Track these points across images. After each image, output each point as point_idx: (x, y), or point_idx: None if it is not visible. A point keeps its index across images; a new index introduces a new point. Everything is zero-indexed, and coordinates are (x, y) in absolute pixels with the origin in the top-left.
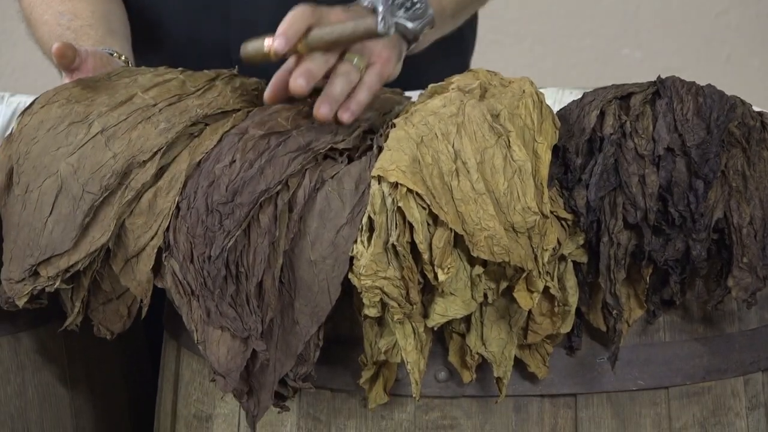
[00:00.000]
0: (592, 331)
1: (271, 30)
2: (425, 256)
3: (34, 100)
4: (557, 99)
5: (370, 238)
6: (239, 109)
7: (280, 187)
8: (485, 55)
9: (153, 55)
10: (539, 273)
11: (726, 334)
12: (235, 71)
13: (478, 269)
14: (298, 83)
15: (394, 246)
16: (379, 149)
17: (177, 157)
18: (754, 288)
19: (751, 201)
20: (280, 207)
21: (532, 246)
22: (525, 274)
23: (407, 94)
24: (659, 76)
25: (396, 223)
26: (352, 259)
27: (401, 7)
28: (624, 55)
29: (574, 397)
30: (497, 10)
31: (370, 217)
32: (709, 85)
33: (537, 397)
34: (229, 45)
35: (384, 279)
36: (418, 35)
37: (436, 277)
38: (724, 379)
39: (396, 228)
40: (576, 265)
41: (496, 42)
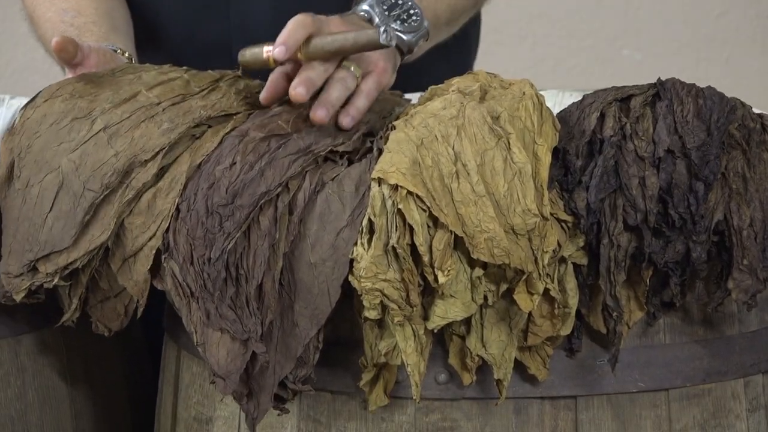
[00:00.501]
0: (593, 333)
1: (270, 30)
2: (425, 259)
3: (38, 94)
4: (557, 101)
5: (370, 241)
6: (242, 112)
7: (280, 189)
8: (485, 57)
9: (154, 53)
10: (539, 275)
11: (726, 336)
12: (239, 72)
13: (478, 271)
14: (298, 91)
15: (394, 248)
16: (379, 151)
17: (178, 158)
18: (755, 290)
19: (751, 203)
20: (280, 209)
21: (532, 248)
22: (525, 276)
23: (407, 96)
24: (659, 78)
25: (396, 226)
26: (352, 261)
27: (397, 19)
28: (624, 56)
29: (574, 399)
30: (497, 11)
31: (370, 219)
32: (709, 87)
33: (537, 399)
34: (230, 44)
35: (384, 281)
36: (412, 47)
37: (436, 279)
38: (724, 381)
39: (396, 230)
40: (576, 267)
41: (496, 43)
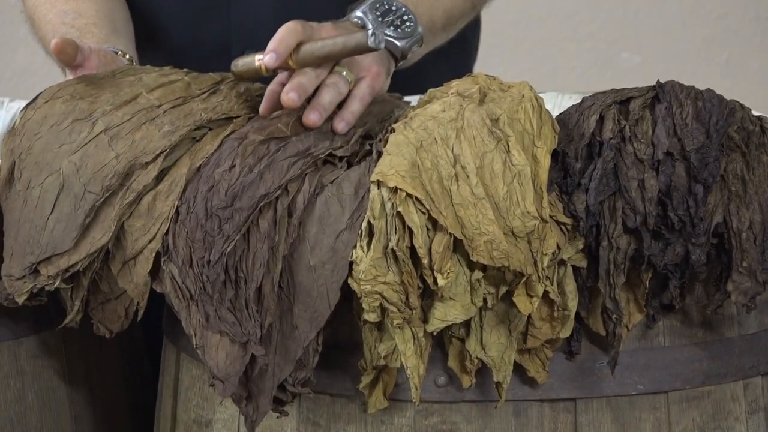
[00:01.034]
0: (592, 335)
1: (271, 30)
2: (425, 261)
3: (38, 95)
4: (556, 103)
5: (369, 243)
6: (242, 116)
7: (279, 192)
8: (484, 59)
9: (154, 54)
10: (539, 278)
11: (725, 339)
12: None
13: (478, 274)
14: (290, 97)
15: (393, 251)
16: (379, 154)
17: (178, 160)
18: (754, 292)
19: (750, 205)
20: (280, 212)
21: (531, 251)
22: (524, 279)
23: (406, 99)
24: (658, 81)
25: (395, 228)
26: (351, 264)
27: (390, 25)
28: (623, 59)
29: (573, 402)
30: (496, 13)
31: (369, 222)
32: (708, 90)
33: (537, 402)
34: (230, 45)
35: (383, 284)
36: (406, 53)
37: (435, 281)
38: (723, 384)
39: (395, 233)
40: (575, 269)
41: (495, 46)
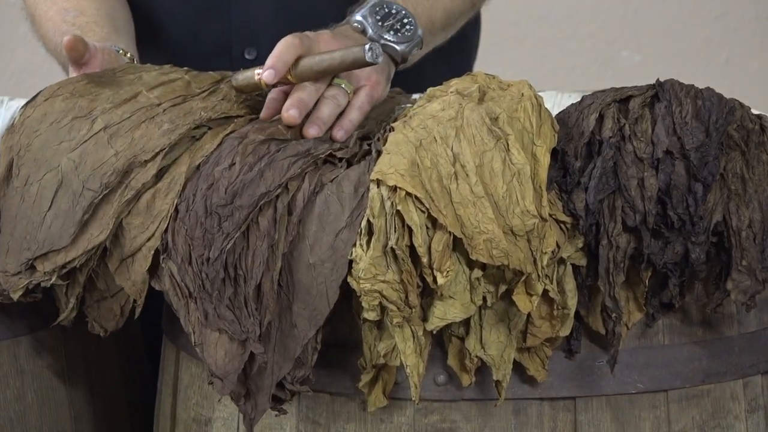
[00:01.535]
0: (592, 334)
1: (271, 31)
2: (424, 260)
3: (38, 93)
4: (556, 102)
5: (369, 242)
6: (242, 116)
7: (279, 190)
8: (484, 58)
9: (155, 53)
10: (538, 276)
11: (725, 337)
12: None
13: (477, 272)
14: (291, 114)
15: (393, 249)
16: (378, 153)
17: (178, 159)
18: (753, 291)
19: (750, 204)
20: (280, 210)
21: (531, 249)
22: (524, 278)
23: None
24: (658, 79)
25: (395, 227)
26: (351, 262)
27: (390, 29)
28: (623, 57)
29: (573, 401)
30: (496, 13)
31: (369, 220)
32: (707, 88)
33: (536, 401)
34: (231, 45)
35: (383, 282)
36: (406, 57)
37: (435, 280)
38: (723, 382)
39: (395, 231)
40: (575, 268)
41: (494, 45)
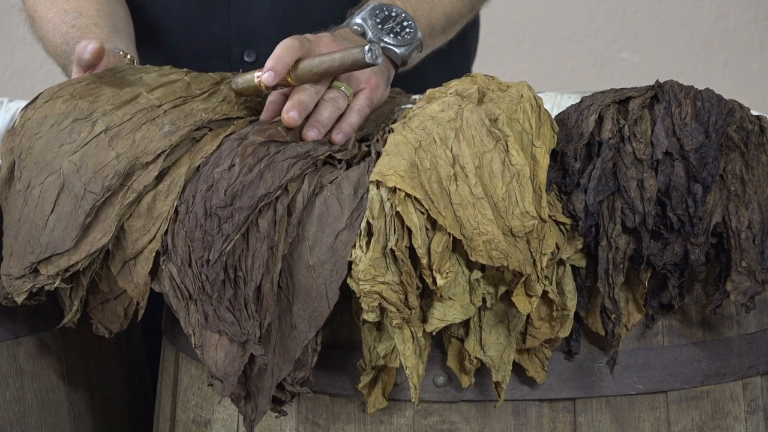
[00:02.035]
0: (591, 335)
1: (270, 31)
2: (424, 261)
3: (39, 95)
4: (555, 103)
5: (368, 243)
6: (242, 117)
7: (279, 191)
8: (483, 59)
9: (154, 53)
10: (538, 277)
11: (725, 339)
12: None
13: (477, 274)
14: (291, 116)
15: (392, 251)
16: (378, 154)
17: (178, 160)
18: (753, 292)
19: (749, 205)
20: (279, 211)
21: (530, 250)
22: (523, 279)
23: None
24: (657, 81)
25: (394, 228)
26: (350, 263)
27: (390, 32)
28: (622, 59)
29: (572, 402)
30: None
31: (368, 221)
32: (707, 89)
33: (536, 402)
34: (230, 45)
35: (382, 284)
36: (406, 60)
37: (434, 281)
38: (722, 383)
39: (394, 233)
40: (575, 269)
41: (494, 46)
